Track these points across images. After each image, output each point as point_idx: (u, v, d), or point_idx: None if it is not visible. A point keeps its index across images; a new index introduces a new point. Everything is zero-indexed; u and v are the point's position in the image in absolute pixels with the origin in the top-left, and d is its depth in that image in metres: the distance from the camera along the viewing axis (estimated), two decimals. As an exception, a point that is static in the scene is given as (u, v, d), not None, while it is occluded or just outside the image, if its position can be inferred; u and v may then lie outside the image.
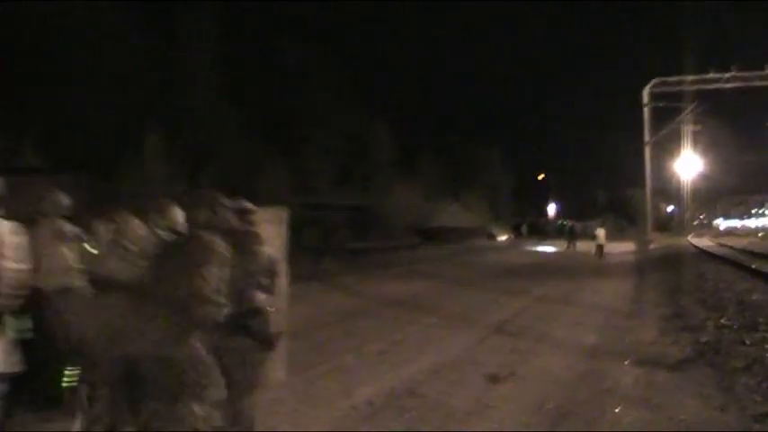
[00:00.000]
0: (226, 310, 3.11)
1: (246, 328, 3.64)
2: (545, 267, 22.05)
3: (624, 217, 48.11)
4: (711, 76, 33.83)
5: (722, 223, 67.56)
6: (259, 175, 24.12)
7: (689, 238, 40.88)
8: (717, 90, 34.24)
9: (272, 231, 4.22)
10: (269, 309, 3.83)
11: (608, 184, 62.74)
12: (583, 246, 31.77)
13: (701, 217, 58.97)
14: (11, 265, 3.33)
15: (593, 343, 7.89)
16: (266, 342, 3.85)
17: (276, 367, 4.55)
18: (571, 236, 34.10)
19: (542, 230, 57.32)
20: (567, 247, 33.04)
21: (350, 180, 28.55)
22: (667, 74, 34.50)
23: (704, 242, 35.80)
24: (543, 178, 64.58)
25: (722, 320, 8.66)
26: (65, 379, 4.06)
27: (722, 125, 37.62)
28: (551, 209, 67.75)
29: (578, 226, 50.57)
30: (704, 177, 39.17)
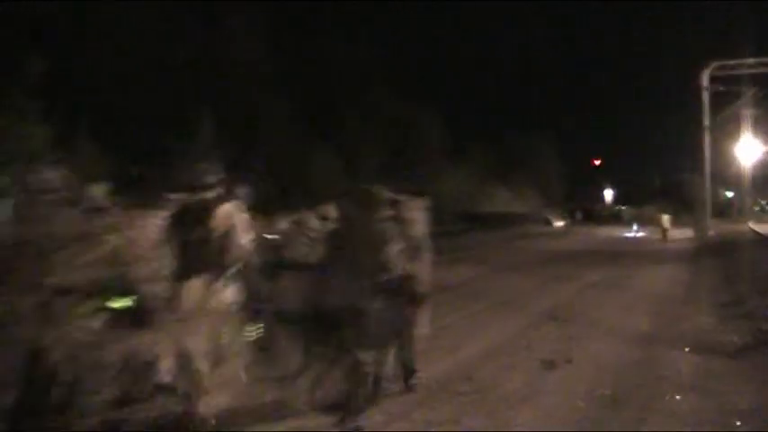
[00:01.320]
0: (393, 277, 4.46)
1: (403, 290, 4.71)
2: (600, 252, 21.64)
3: (679, 203, 46.66)
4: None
5: (785, 209, 64.77)
6: (308, 164, 24.30)
7: (749, 224, 39.38)
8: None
9: (417, 216, 5.06)
10: (418, 275, 4.87)
11: (662, 169, 60.56)
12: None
13: (764, 203, 56.58)
14: (242, 237, 4.08)
15: (648, 329, 7.79)
16: (417, 301, 4.90)
17: (423, 322, 5.10)
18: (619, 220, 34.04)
19: (597, 216, 56.19)
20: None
21: (399, 166, 28.43)
22: (724, 57, 32.96)
23: (766, 228, 34.40)
24: (598, 164, 63.13)
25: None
26: (249, 332, 4.50)
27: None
28: (608, 194, 66.20)
29: (629, 212, 49.49)
30: (765, 162, 37.50)
